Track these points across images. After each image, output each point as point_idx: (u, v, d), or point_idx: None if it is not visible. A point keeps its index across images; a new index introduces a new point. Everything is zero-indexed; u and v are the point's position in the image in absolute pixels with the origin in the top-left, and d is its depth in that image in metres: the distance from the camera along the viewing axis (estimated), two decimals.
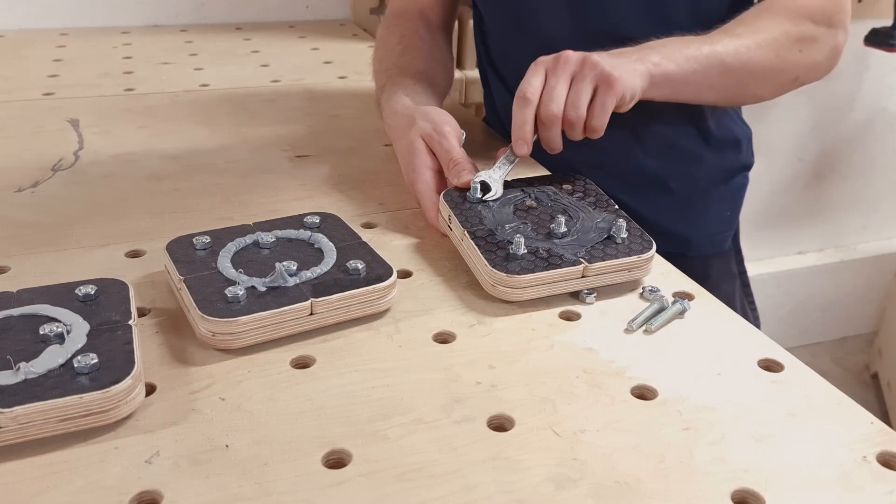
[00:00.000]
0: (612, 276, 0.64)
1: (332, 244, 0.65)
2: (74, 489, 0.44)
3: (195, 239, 0.64)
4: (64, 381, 0.48)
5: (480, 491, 0.45)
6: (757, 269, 1.99)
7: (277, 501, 0.44)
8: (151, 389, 0.52)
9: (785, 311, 2.09)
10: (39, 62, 1.25)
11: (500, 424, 0.50)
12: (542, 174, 0.81)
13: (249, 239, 0.65)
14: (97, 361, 0.49)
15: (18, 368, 0.48)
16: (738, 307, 1.00)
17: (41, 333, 0.51)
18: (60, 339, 0.51)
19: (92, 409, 0.47)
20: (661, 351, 0.58)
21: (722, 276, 1.00)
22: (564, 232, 0.67)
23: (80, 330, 0.52)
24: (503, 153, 0.75)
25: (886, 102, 2.01)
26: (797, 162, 2.01)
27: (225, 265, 0.61)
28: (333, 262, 0.62)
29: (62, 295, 0.56)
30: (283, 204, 0.79)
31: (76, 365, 0.48)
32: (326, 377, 0.54)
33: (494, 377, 0.55)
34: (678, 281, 0.68)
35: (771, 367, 0.57)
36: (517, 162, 0.75)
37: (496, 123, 1.04)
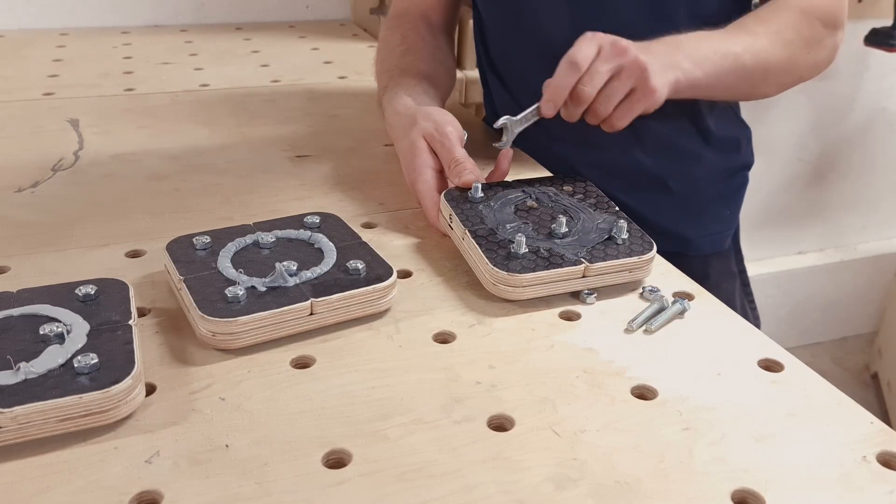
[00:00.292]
0: (612, 276, 0.64)
1: (332, 244, 0.65)
2: (74, 489, 0.44)
3: (195, 239, 0.64)
4: (64, 381, 0.48)
5: (480, 491, 0.45)
6: (757, 269, 1.99)
7: (277, 501, 0.44)
8: (151, 389, 0.52)
9: (785, 311, 2.09)
10: (39, 62, 1.25)
11: (500, 424, 0.50)
12: (542, 175, 0.81)
13: (249, 239, 0.65)
14: (97, 361, 0.49)
15: (18, 368, 0.48)
16: (738, 307, 1.00)
17: (41, 333, 0.51)
18: (60, 339, 0.51)
19: (92, 409, 0.47)
20: (661, 351, 0.58)
21: (722, 275, 1.00)
22: (565, 232, 0.67)
23: (80, 330, 0.52)
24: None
25: (886, 102, 2.01)
26: (797, 162, 2.01)
27: (225, 265, 0.61)
28: (333, 262, 0.62)
29: (62, 295, 0.56)
30: (283, 204, 0.79)
31: (76, 365, 0.48)
32: (326, 377, 0.54)
33: (494, 377, 0.55)
34: (678, 281, 0.68)
35: (771, 367, 0.57)
36: (537, 121, 0.75)
37: None
